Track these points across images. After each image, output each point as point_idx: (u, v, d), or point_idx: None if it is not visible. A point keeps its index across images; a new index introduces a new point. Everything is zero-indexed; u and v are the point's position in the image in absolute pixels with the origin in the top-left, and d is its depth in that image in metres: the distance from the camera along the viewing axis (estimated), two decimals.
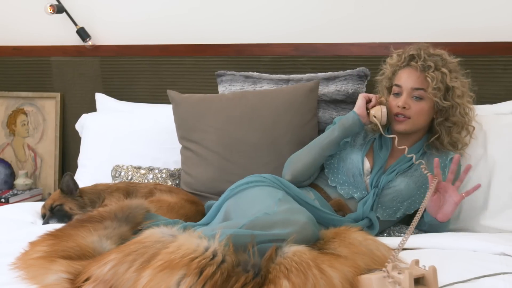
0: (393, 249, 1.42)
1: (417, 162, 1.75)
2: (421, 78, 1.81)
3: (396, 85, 1.86)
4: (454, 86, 1.80)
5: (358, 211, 1.81)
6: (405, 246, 1.46)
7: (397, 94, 1.85)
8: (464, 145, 1.90)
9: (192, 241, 1.22)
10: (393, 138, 1.83)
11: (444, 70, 1.79)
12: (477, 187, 1.71)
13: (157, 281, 1.13)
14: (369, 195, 1.81)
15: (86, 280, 1.23)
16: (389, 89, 1.92)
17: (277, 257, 1.25)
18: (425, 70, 1.80)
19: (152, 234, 1.30)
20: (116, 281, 1.19)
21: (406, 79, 1.83)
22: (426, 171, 1.67)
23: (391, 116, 1.86)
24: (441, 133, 1.85)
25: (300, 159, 1.91)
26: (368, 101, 1.89)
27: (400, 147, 1.79)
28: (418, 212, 1.48)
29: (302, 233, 1.42)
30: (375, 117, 1.84)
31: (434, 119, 1.86)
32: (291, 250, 1.26)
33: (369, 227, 1.80)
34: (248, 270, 1.19)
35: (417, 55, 1.83)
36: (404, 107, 1.81)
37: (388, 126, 1.92)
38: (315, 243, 1.46)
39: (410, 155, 1.75)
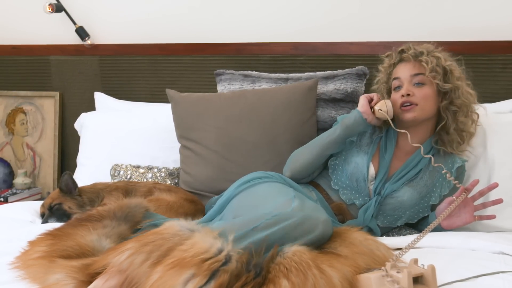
0: (397, 249, 1.41)
1: (436, 165, 1.69)
2: (417, 65, 1.80)
3: (395, 78, 1.84)
4: (451, 68, 1.78)
5: (358, 218, 1.79)
6: (404, 246, 1.45)
7: (398, 88, 1.82)
8: (471, 135, 1.85)
9: (206, 240, 1.21)
10: (405, 134, 1.76)
11: (437, 54, 1.79)
12: (492, 217, 1.74)
13: (166, 278, 1.13)
14: (371, 203, 1.78)
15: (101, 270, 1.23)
16: (389, 92, 1.89)
17: (277, 257, 1.24)
18: (418, 57, 1.79)
19: (171, 226, 1.30)
20: (132, 272, 1.19)
21: (403, 70, 1.82)
22: (455, 182, 1.64)
23: (397, 110, 1.80)
24: (448, 119, 1.80)
25: (301, 157, 1.88)
26: (370, 100, 1.85)
27: (414, 145, 1.75)
28: (436, 220, 1.45)
29: (326, 231, 1.40)
30: (380, 110, 1.78)
31: (440, 106, 1.81)
32: (291, 250, 1.25)
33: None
34: (249, 269, 1.19)
35: (406, 48, 1.83)
36: (409, 94, 1.77)
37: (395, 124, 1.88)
38: None
39: (428, 156, 1.71)
